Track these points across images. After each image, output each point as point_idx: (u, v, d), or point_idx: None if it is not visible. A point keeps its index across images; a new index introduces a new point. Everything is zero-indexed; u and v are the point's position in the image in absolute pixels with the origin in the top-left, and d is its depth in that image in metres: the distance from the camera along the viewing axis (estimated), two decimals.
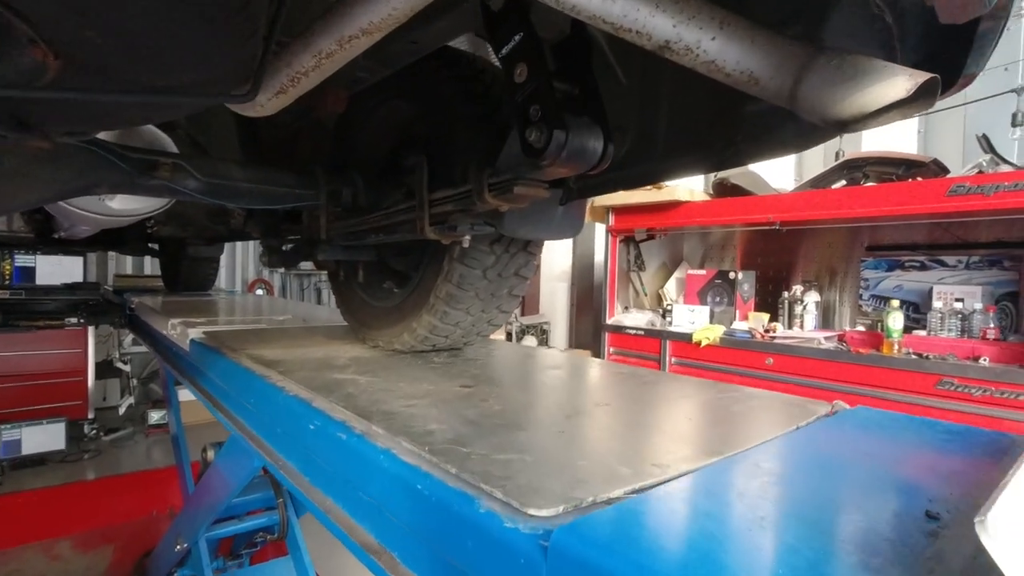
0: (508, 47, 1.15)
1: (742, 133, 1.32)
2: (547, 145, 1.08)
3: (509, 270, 1.93)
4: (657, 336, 5.34)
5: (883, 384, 3.91)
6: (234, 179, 1.81)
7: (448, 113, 1.83)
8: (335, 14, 1.18)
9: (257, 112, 1.60)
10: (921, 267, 4.67)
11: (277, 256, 2.14)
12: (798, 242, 5.44)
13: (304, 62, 1.32)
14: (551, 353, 2.47)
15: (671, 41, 1.00)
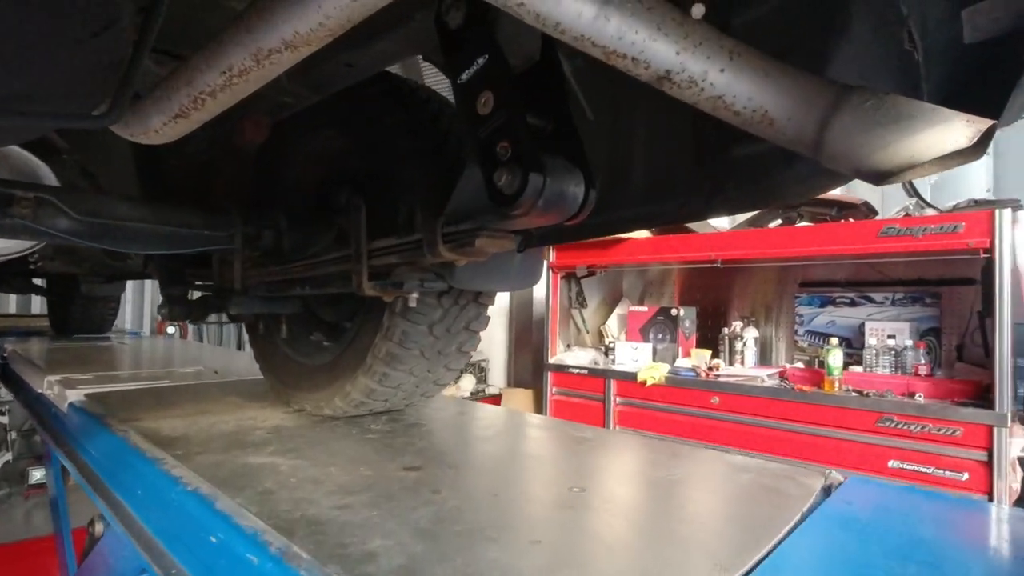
0: (469, 72, 0.95)
1: (733, 178, 1.17)
2: (521, 191, 0.87)
3: (459, 324, 1.70)
4: (601, 375, 5.21)
5: (827, 422, 3.93)
6: (122, 219, 1.49)
7: (388, 146, 1.60)
8: (249, 22, 0.93)
9: (151, 139, 1.30)
10: (851, 303, 4.82)
11: (180, 308, 1.80)
12: (734, 279, 5.52)
13: (210, 80, 1.06)
14: (498, 413, 2.22)
15: (673, 72, 0.83)
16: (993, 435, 3.33)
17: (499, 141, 0.91)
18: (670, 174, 1.26)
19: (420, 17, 1.14)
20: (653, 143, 1.29)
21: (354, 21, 0.89)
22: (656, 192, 1.29)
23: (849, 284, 4.90)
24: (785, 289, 5.35)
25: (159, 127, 1.21)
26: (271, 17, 0.90)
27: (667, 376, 4.84)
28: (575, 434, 1.83)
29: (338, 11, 0.85)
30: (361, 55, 1.34)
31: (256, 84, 1.06)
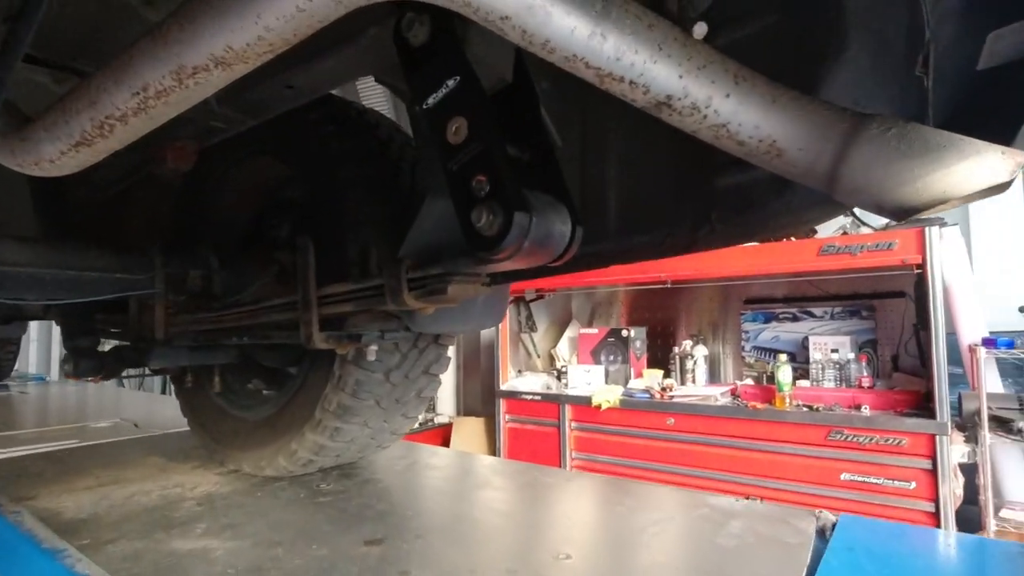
0: (437, 96, 0.82)
1: (718, 210, 1.09)
2: (504, 232, 0.75)
3: (417, 369, 1.54)
4: (555, 401, 5.11)
5: (781, 438, 3.97)
6: (9, 263, 1.25)
7: (333, 175, 1.44)
8: (169, 34, 0.77)
9: (45, 170, 1.10)
10: (793, 318, 4.97)
11: (88, 363, 1.55)
12: (681, 297, 5.59)
13: (119, 101, 0.88)
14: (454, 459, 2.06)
15: (674, 97, 0.73)
16: (936, 443, 3.44)
17: (475, 174, 0.79)
18: (648, 206, 1.18)
19: (374, 32, 1.00)
20: (628, 173, 1.21)
21: (300, 35, 0.75)
22: (634, 225, 1.20)
23: (790, 300, 5.04)
24: (730, 306, 5.45)
25: (55, 157, 1.01)
26: (197, 29, 0.74)
27: (621, 399, 4.79)
28: (542, 479, 1.70)
29: (281, 23, 0.70)
30: (303, 75, 1.19)
31: (178, 108, 0.89)
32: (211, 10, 0.71)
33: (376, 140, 1.53)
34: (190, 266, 1.52)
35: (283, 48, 0.77)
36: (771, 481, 4.01)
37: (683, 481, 4.37)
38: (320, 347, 1.17)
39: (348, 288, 1.12)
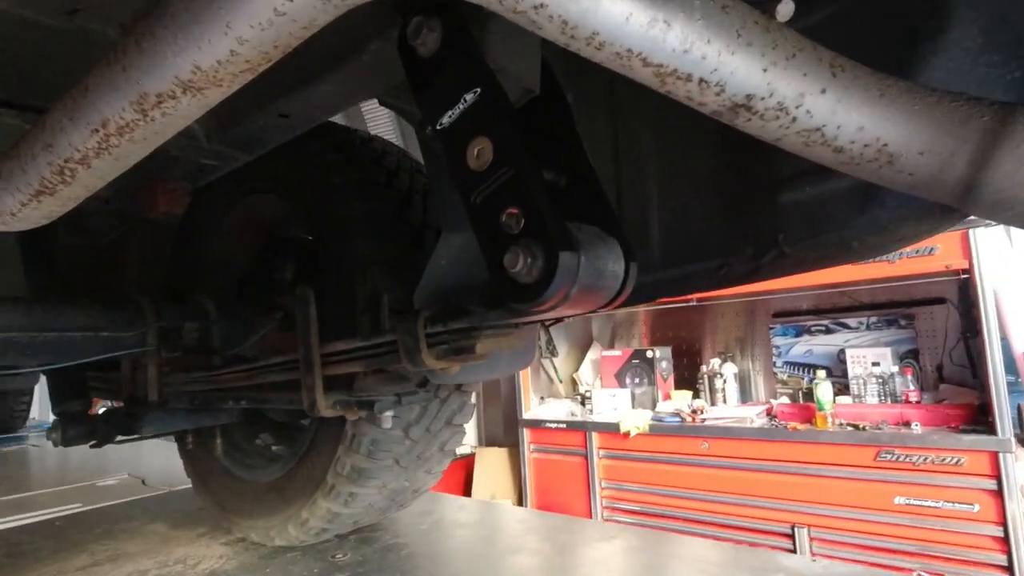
0: (453, 114, 0.68)
1: (787, 231, 0.93)
2: (548, 279, 0.59)
3: (439, 421, 1.38)
4: (581, 428, 4.89)
5: (825, 460, 3.72)
6: None
7: (337, 211, 1.30)
8: (127, 56, 0.64)
9: (8, 224, 0.96)
10: (826, 331, 4.73)
11: (78, 429, 1.40)
12: (704, 314, 5.38)
13: (77, 141, 0.74)
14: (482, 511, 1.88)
15: (756, 96, 0.57)
16: (999, 461, 3.18)
17: (504, 207, 0.64)
18: (698, 230, 1.01)
19: (375, 48, 0.86)
20: (671, 193, 1.05)
21: (283, 48, 0.61)
22: (683, 253, 1.04)
23: (821, 312, 4.81)
24: (757, 321, 5.23)
25: (15, 209, 0.88)
26: (157, 47, 0.60)
27: (651, 423, 4.57)
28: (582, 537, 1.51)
29: (257, 33, 0.56)
30: (298, 102, 1.05)
31: (146, 146, 0.76)
32: (171, 23, 0.57)
33: (383, 170, 1.39)
34: (185, 318, 1.38)
35: (262, 65, 0.63)
36: (818, 507, 3.75)
37: (723, 510, 4.12)
38: (325, 415, 1.01)
39: (356, 345, 0.97)
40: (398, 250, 1.23)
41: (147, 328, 1.33)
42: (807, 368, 4.80)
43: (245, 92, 1.14)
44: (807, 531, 3.78)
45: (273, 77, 1.04)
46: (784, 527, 3.86)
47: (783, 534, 3.87)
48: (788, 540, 3.85)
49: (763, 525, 3.95)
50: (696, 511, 4.28)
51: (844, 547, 3.66)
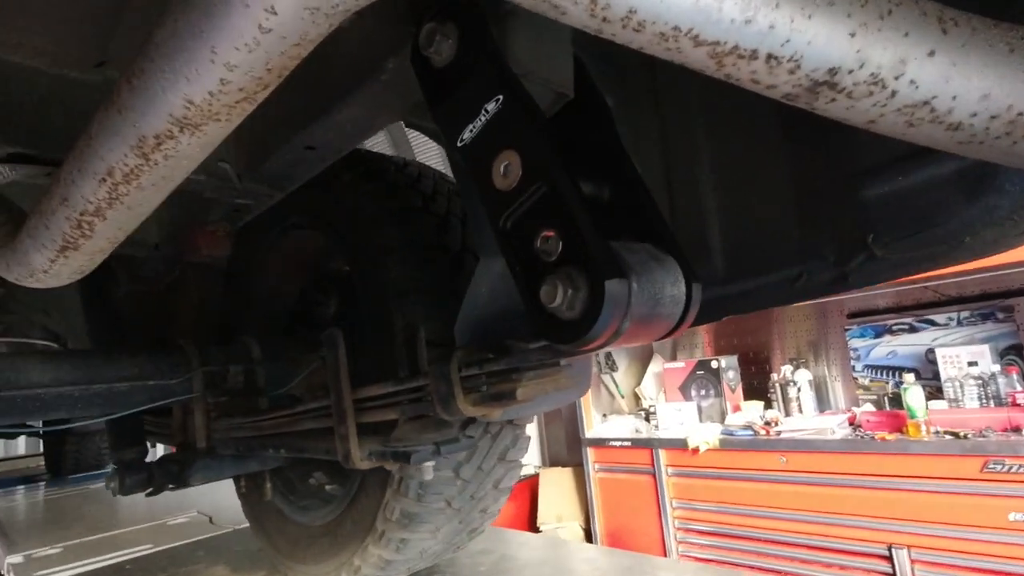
0: (475, 127, 0.59)
1: (878, 230, 0.79)
2: (593, 312, 0.49)
3: (492, 458, 1.28)
4: (647, 445, 4.68)
5: (921, 473, 3.38)
6: (34, 386, 1.12)
7: (372, 241, 1.25)
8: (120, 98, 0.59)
9: (42, 282, 0.95)
10: (910, 329, 4.35)
11: (135, 477, 1.40)
12: (770, 318, 5.08)
13: (88, 193, 0.71)
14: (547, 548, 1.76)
15: (842, 70, 0.46)
16: None
17: (538, 229, 0.55)
18: (767, 238, 0.89)
19: (393, 66, 0.80)
20: (731, 197, 0.92)
21: (279, 71, 0.54)
22: (750, 265, 0.91)
23: (903, 309, 4.44)
24: (830, 322, 4.88)
25: (46, 266, 0.86)
26: (147, 83, 0.55)
27: (721, 438, 4.31)
28: None
29: (246, 56, 0.50)
30: (322, 132, 1.00)
31: (158, 192, 0.71)
32: (157, 55, 0.52)
33: (419, 195, 1.33)
34: (229, 361, 1.35)
35: (259, 93, 0.56)
36: (917, 525, 3.40)
37: (808, 530, 3.81)
38: (360, 467, 0.94)
39: (388, 390, 0.89)
40: (436, 278, 1.16)
41: (192, 374, 1.31)
42: (891, 371, 4.42)
43: (269, 127, 1.11)
44: (907, 552, 3.43)
45: (294, 108, 1.00)
46: (880, 548, 3.52)
47: (879, 556, 3.53)
48: (885, 563, 3.50)
49: (855, 546, 3.62)
50: (777, 531, 3.98)
51: (952, 570, 3.30)
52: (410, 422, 0.88)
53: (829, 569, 3.73)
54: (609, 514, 4.99)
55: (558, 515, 5.51)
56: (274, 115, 1.06)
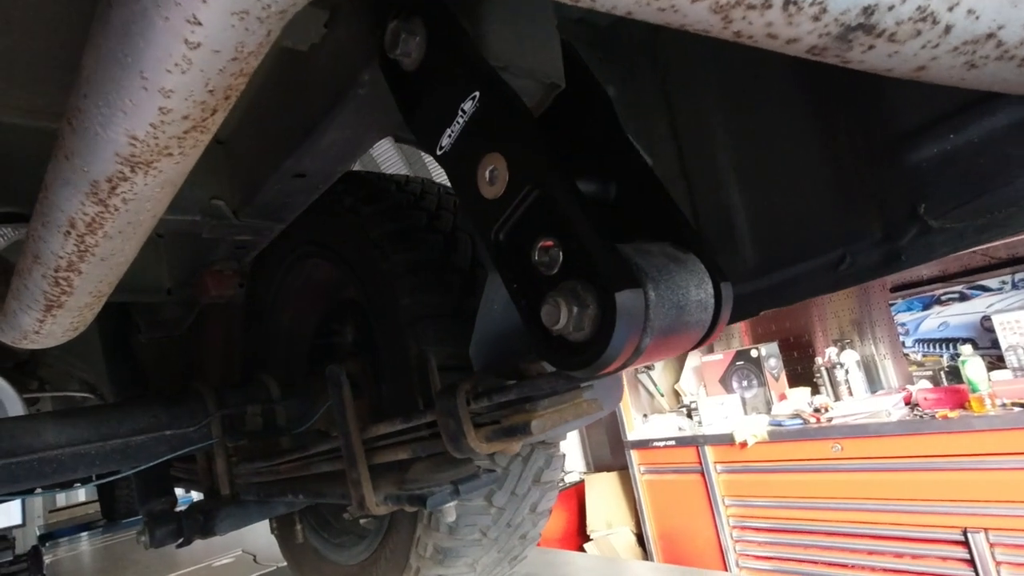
0: (453, 132, 0.53)
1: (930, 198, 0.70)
2: (607, 331, 0.42)
3: (526, 482, 1.20)
4: (692, 443, 4.52)
5: (990, 450, 3.16)
6: (49, 447, 1.09)
7: (378, 266, 1.19)
8: (66, 143, 0.55)
9: (35, 343, 0.92)
10: (961, 297, 4.11)
11: (165, 529, 1.36)
12: (810, 301, 4.88)
13: (57, 248, 0.66)
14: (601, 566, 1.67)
15: (878, 7, 0.38)
16: None
17: (534, 240, 0.47)
18: (800, 220, 0.80)
19: (368, 78, 0.74)
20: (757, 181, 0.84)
21: (222, 94, 0.48)
22: (783, 253, 0.82)
23: (950, 277, 4.20)
24: (872, 298, 4.66)
25: (36, 327, 0.82)
26: (87, 123, 0.50)
27: (769, 430, 4.14)
28: None
29: (180, 78, 0.44)
30: (309, 158, 0.95)
31: (129, 240, 0.66)
32: (88, 89, 0.47)
33: (423, 213, 1.27)
34: (248, 402, 1.31)
35: (209, 120, 0.50)
36: (993, 507, 3.18)
37: (872, 519, 3.60)
38: (377, 513, 0.87)
39: (397, 427, 0.83)
40: (447, 299, 1.10)
41: (210, 419, 1.27)
42: (945, 344, 4.18)
43: (255, 158, 1.06)
44: (984, 535, 3.21)
45: (275, 136, 0.94)
46: (954, 533, 3.30)
47: (954, 541, 3.32)
48: (962, 548, 3.28)
49: (926, 533, 3.41)
50: (839, 523, 3.79)
51: None
52: (424, 460, 0.82)
53: (901, 559, 3.52)
54: (660, 517, 4.84)
55: (608, 521, 5.38)
56: (259, 146, 1.02)
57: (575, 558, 1.71)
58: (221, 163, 1.11)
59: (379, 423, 0.85)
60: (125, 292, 1.38)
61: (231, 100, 0.49)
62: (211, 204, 1.11)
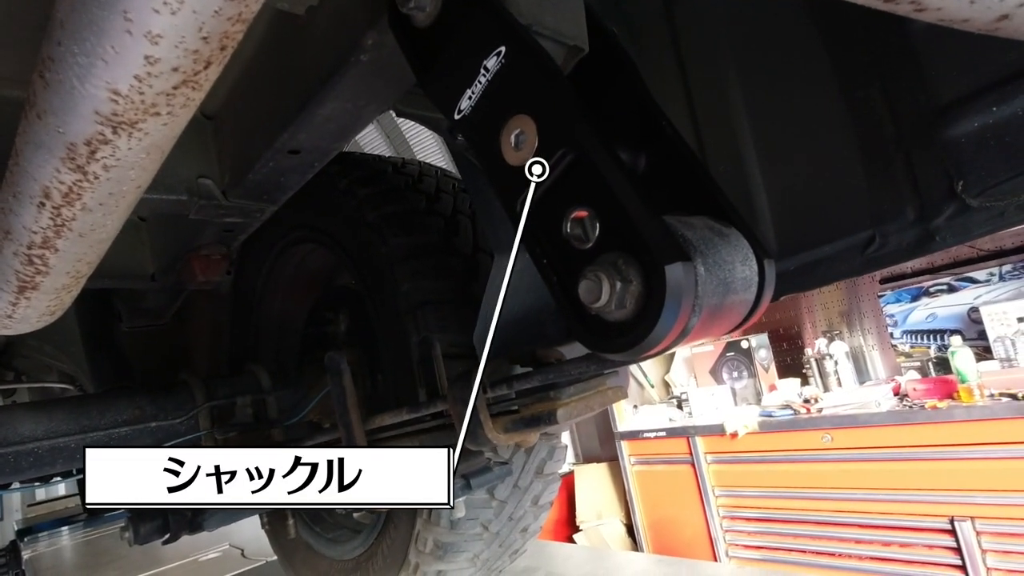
0: (475, 92, 0.48)
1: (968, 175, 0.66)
2: (655, 308, 0.37)
3: (528, 475, 1.17)
4: (683, 434, 4.52)
5: (979, 440, 3.19)
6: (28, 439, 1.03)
7: (376, 250, 1.14)
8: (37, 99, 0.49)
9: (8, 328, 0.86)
10: (949, 289, 4.14)
11: (150, 525, 1.31)
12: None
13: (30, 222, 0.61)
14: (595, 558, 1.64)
15: None
16: None
17: (566, 210, 0.43)
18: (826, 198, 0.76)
19: (372, 42, 0.68)
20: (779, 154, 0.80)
21: (217, 42, 0.43)
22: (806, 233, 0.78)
23: (938, 269, 4.23)
24: (861, 290, 4.68)
25: (8, 311, 0.76)
26: (62, 75, 0.44)
27: (759, 420, 4.15)
28: None
29: (169, 22, 0.38)
30: (305, 133, 0.89)
31: (112, 214, 0.60)
32: (63, 35, 0.41)
33: (422, 196, 1.22)
34: (236, 393, 1.25)
35: (203, 74, 0.45)
36: (980, 495, 3.21)
37: (861, 508, 3.63)
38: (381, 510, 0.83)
39: (404, 418, 0.78)
40: (449, 285, 1.05)
41: (197, 410, 1.21)
42: (933, 335, 4.22)
43: (247, 132, 1.00)
44: (971, 524, 3.25)
45: (270, 107, 0.89)
46: (941, 522, 3.34)
47: (942, 530, 3.35)
48: (949, 536, 3.32)
49: (915, 522, 3.44)
50: (829, 512, 3.81)
51: (1022, 539, 3.10)
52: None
53: (889, 547, 3.55)
54: (650, 508, 4.85)
55: (598, 512, 5.38)
56: (250, 120, 0.96)
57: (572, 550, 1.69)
58: (209, 139, 1.05)
59: (383, 413, 0.81)
60: (106, 278, 1.31)
61: (227, 52, 0.44)
62: (198, 183, 1.05)
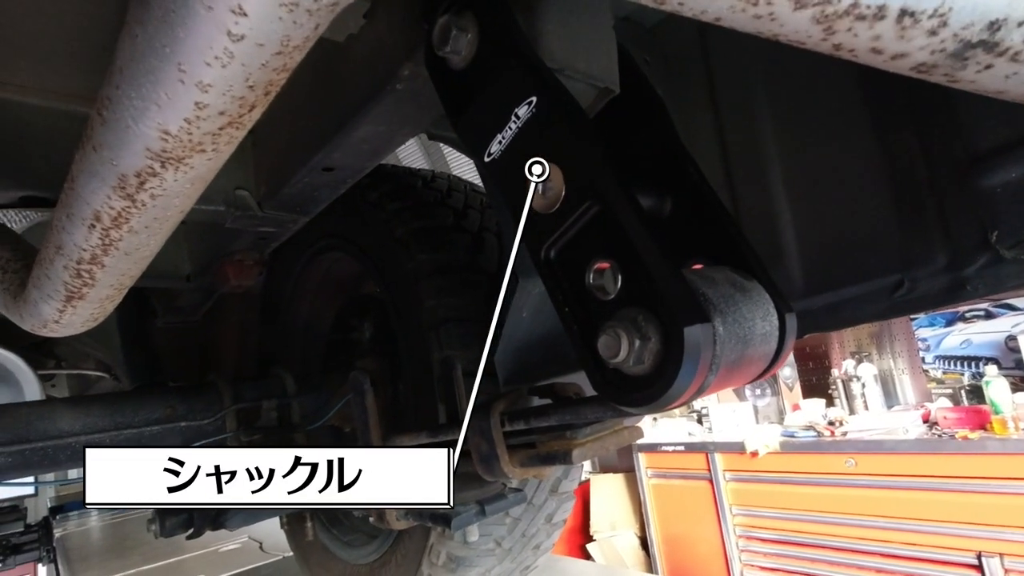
0: (505, 138, 0.49)
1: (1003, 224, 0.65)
2: (673, 367, 0.38)
3: (542, 492, 1.18)
4: (701, 450, 4.47)
5: (1009, 474, 3.08)
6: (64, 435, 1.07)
7: (403, 264, 1.16)
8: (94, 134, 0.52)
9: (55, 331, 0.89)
10: (986, 315, 4.02)
11: (176, 520, 1.35)
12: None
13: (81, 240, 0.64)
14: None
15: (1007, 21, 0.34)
16: None
17: (590, 261, 0.44)
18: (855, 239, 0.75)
19: (408, 73, 0.70)
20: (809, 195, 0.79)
21: (262, 89, 0.45)
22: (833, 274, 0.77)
23: None
24: None
25: (56, 317, 0.80)
26: (118, 115, 0.47)
27: (781, 440, 4.08)
28: None
29: (219, 73, 0.40)
30: (339, 152, 0.92)
31: (156, 235, 0.63)
32: (122, 80, 0.44)
33: (450, 211, 1.24)
34: (263, 396, 1.29)
35: (247, 115, 0.47)
36: (1011, 532, 3.10)
37: (882, 537, 3.54)
38: (396, 528, 0.85)
39: (423, 442, 0.80)
40: (473, 302, 1.06)
41: (224, 412, 1.25)
42: (967, 362, 4.10)
43: (283, 150, 1.03)
44: (1000, 560, 3.14)
45: (307, 128, 0.91)
46: (968, 556, 3.23)
47: (968, 564, 3.25)
48: (975, 572, 3.21)
49: (939, 554, 3.34)
50: (848, 539, 3.72)
51: None
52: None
53: None
54: (665, 521, 4.80)
55: (612, 523, 5.34)
56: (287, 137, 0.99)
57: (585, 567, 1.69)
58: (248, 153, 1.08)
59: (402, 435, 0.82)
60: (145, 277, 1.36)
61: (271, 96, 0.46)
62: (236, 194, 1.09)
